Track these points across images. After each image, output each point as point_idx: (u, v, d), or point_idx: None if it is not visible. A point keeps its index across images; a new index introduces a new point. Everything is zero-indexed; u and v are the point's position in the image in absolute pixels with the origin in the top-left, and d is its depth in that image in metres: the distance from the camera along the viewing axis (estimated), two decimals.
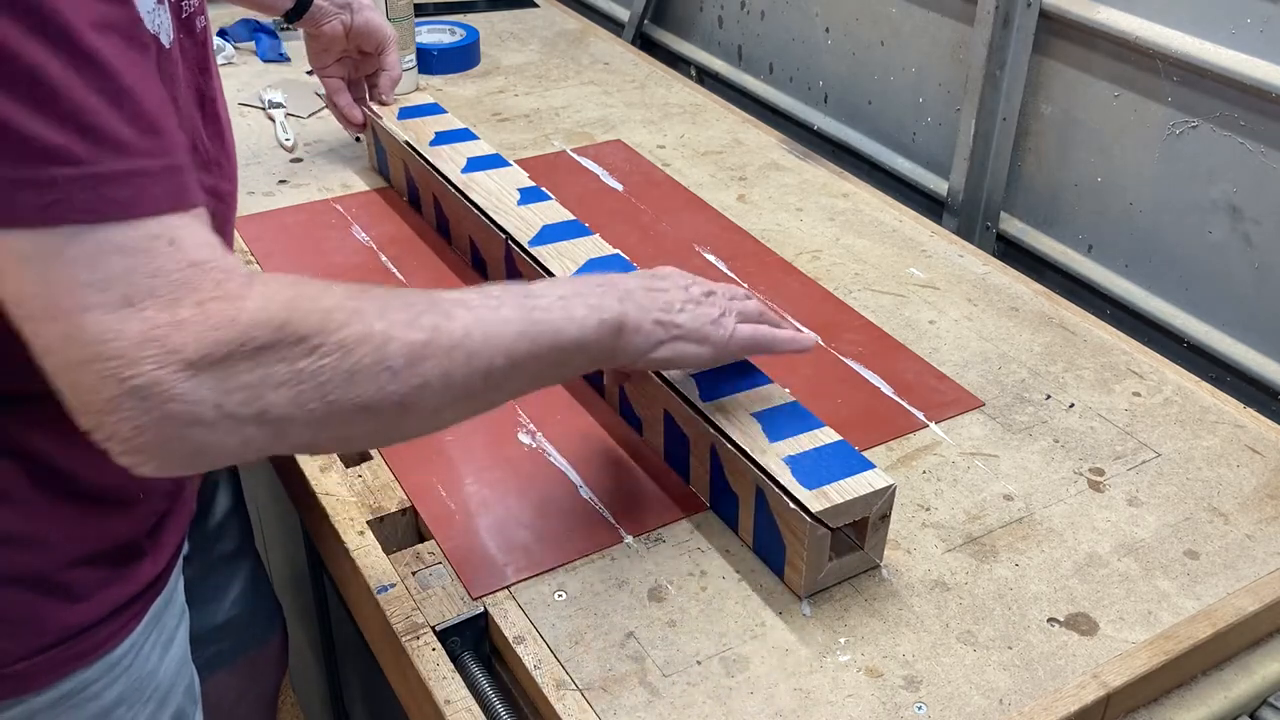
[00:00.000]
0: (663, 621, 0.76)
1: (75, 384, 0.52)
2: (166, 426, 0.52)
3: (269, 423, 0.55)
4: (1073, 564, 0.82)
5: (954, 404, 0.97)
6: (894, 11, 1.52)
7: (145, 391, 0.51)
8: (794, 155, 1.41)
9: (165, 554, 0.73)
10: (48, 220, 0.50)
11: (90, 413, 0.52)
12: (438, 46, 1.61)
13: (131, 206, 0.52)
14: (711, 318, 0.79)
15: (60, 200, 0.50)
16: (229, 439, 0.54)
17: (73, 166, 0.50)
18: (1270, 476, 0.91)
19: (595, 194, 1.29)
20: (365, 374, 0.58)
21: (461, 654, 0.76)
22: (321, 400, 0.56)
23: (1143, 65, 1.22)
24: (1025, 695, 0.72)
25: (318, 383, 0.56)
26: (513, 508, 0.84)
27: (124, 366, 0.51)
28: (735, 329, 0.81)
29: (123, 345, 0.51)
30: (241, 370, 0.53)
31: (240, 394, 0.53)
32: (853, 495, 0.75)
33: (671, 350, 0.77)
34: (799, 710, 0.70)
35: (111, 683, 0.70)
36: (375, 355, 0.58)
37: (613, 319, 0.73)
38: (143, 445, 0.52)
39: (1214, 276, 1.22)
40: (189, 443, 0.53)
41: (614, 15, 2.12)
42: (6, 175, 0.49)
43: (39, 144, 0.50)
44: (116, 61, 0.52)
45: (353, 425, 0.58)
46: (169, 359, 0.51)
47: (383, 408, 0.59)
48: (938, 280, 1.16)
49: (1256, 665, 0.79)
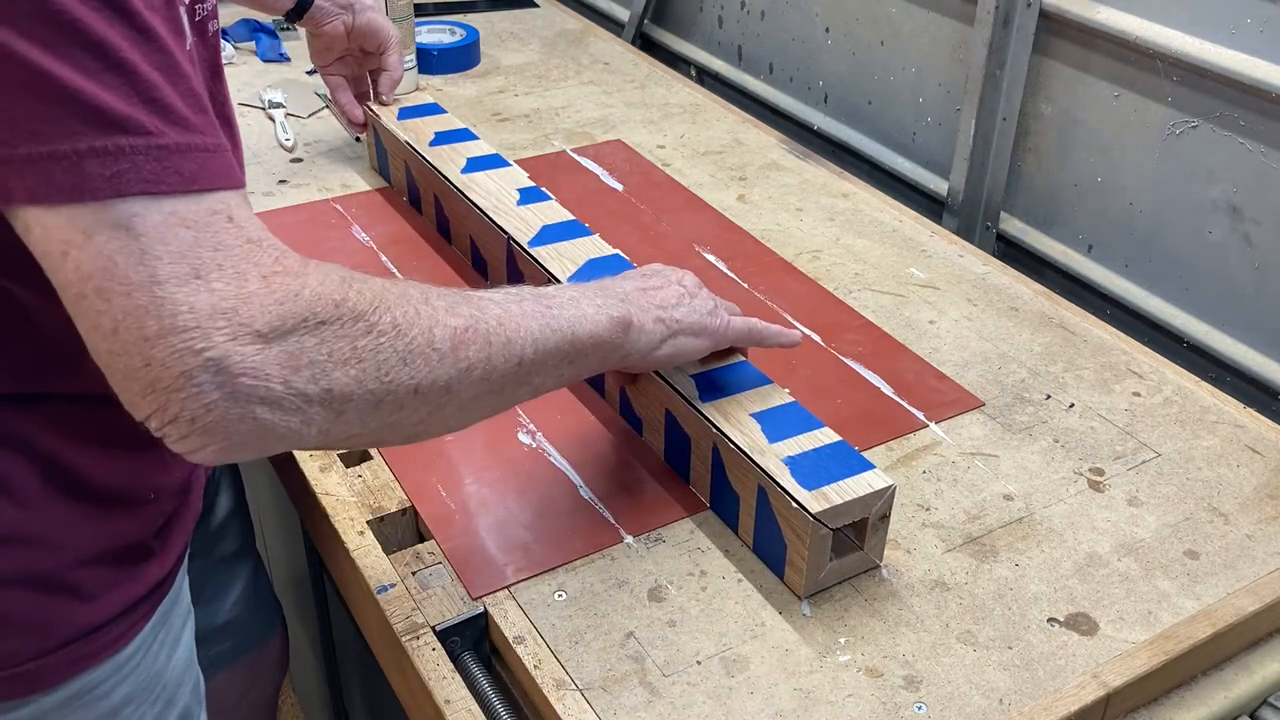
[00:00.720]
0: (663, 621, 0.76)
1: (144, 362, 0.50)
2: (236, 404, 0.51)
3: (331, 402, 0.55)
4: (1073, 564, 0.82)
5: (954, 404, 0.97)
6: (894, 11, 1.52)
7: (219, 364, 0.50)
8: (794, 155, 1.41)
9: (173, 554, 0.73)
10: (117, 190, 0.50)
11: (156, 392, 0.51)
12: (438, 46, 1.61)
13: (195, 180, 0.52)
14: (707, 309, 0.82)
15: (128, 170, 0.50)
16: (292, 419, 0.54)
17: (140, 137, 0.50)
18: (1270, 476, 0.91)
19: (595, 194, 1.29)
20: (418, 355, 0.58)
21: (461, 654, 0.76)
22: (379, 380, 0.57)
23: (1143, 65, 1.22)
24: (1025, 695, 0.72)
25: (376, 361, 0.56)
26: (513, 508, 0.84)
27: (198, 339, 0.50)
28: (730, 320, 0.83)
29: (195, 318, 0.50)
30: (308, 345, 0.53)
31: (307, 370, 0.53)
32: (852, 496, 0.75)
33: (674, 346, 0.79)
34: (799, 710, 0.70)
35: (120, 682, 0.70)
36: (425, 337, 0.59)
37: (620, 316, 0.74)
38: (209, 425, 0.51)
39: (1214, 276, 1.22)
40: (255, 422, 0.52)
41: (614, 15, 2.12)
42: (74, 147, 0.49)
43: (107, 113, 0.49)
44: (169, 41, 0.52)
45: (402, 410, 0.59)
46: (240, 331, 0.51)
47: (431, 391, 0.60)
48: (938, 280, 1.16)
49: (1256, 665, 0.79)
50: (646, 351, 0.77)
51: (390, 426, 0.60)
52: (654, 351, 0.78)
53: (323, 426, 0.55)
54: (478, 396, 0.64)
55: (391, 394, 0.58)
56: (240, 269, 0.52)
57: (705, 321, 0.81)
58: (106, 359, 0.51)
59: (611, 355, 0.75)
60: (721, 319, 0.83)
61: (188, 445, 0.53)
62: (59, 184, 0.49)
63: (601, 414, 0.95)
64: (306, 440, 0.56)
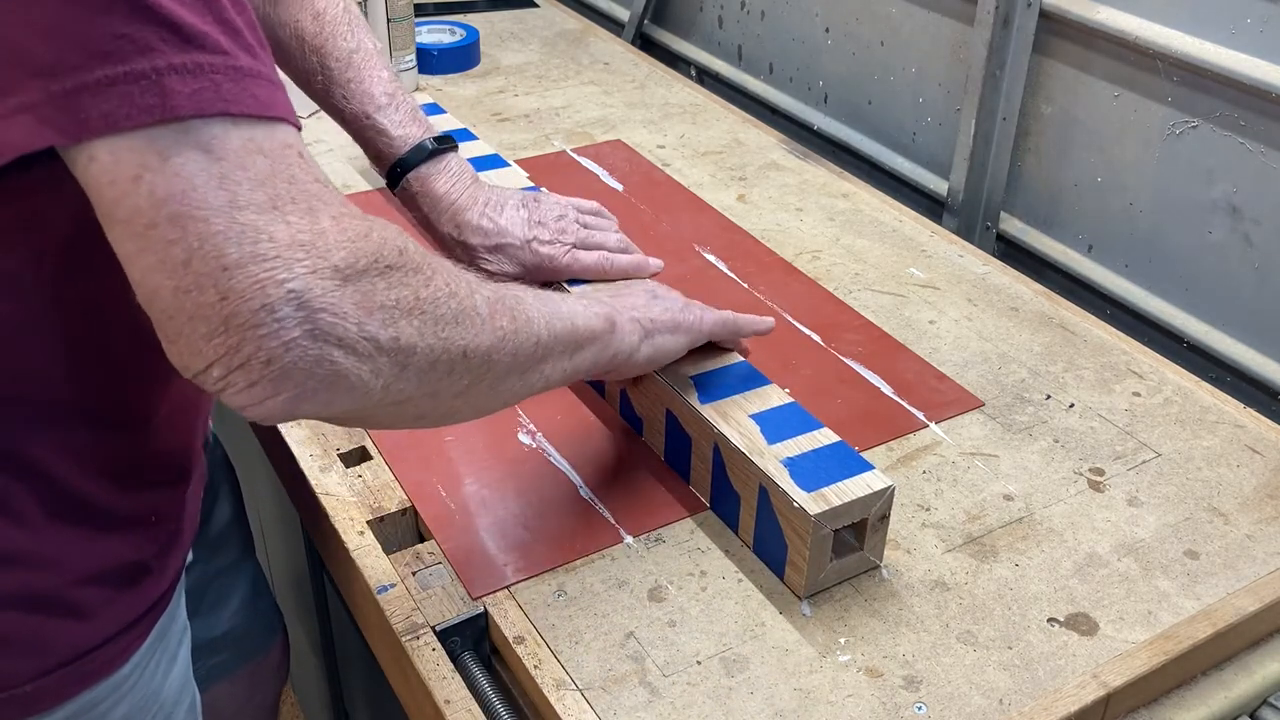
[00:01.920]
0: (663, 621, 0.76)
1: (220, 295, 0.47)
2: (315, 343, 0.49)
3: (398, 352, 0.54)
4: (1073, 564, 0.82)
5: (954, 404, 0.97)
6: (894, 11, 1.52)
7: (301, 297, 0.48)
8: (794, 155, 1.41)
9: (171, 570, 0.73)
10: (198, 108, 0.47)
11: (230, 330, 0.47)
12: (438, 46, 1.61)
13: (269, 107, 0.50)
14: (680, 305, 0.84)
15: (208, 89, 0.48)
16: (364, 367, 0.52)
17: (217, 55, 0.48)
18: (1270, 476, 0.91)
19: (595, 194, 1.29)
20: (467, 315, 0.59)
21: (461, 654, 0.76)
22: (437, 336, 0.56)
23: (1143, 65, 1.22)
24: (1025, 695, 0.72)
25: (435, 315, 0.56)
26: (513, 508, 0.84)
27: (279, 269, 0.48)
28: (703, 314, 0.85)
29: (276, 247, 0.48)
30: (379, 288, 0.52)
31: (380, 314, 0.52)
32: (851, 497, 0.75)
33: (652, 346, 0.80)
34: (799, 710, 0.70)
35: (118, 702, 0.69)
36: (470, 300, 0.59)
37: (605, 313, 0.75)
38: (285, 368, 0.49)
39: (1214, 276, 1.22)
40: (331, 367, 0.50)
41: (614, 15, 2.12)
42: (153, 64, 0.46)
43: (185, 28, 0.47)
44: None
45: (451, 375, 0.59)
46: (320, 264, 0.49)
47: (475, 357, 0.60)
48: (938, 280, 1.16)
49: (1256, 665, 0.79)
50: (629, 353, 0.78)
51: (434, 396, 0.59)
52: (635, 354, 0.79)
53: (387, 381, 0.54)
54: (507, 373, 0.64)
55: (446, 352, 0.57)
56: (313, 205, 0.50)
57: (679, 317, 0.83)
58: (170, 300, 0.48)
59: (603, 354, 0.75)
60: (695, 313, 0.84)
61: (254, 395, 0.50)
62: (140, 104, 0.46)
63: (601, 414, 0.95)
64: (371, 396, 0.54)
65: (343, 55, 0.93)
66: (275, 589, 1.13)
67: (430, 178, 0.93)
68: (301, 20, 0.93)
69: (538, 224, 0.95)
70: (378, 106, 0.92)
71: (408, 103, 0.94)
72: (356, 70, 0.93)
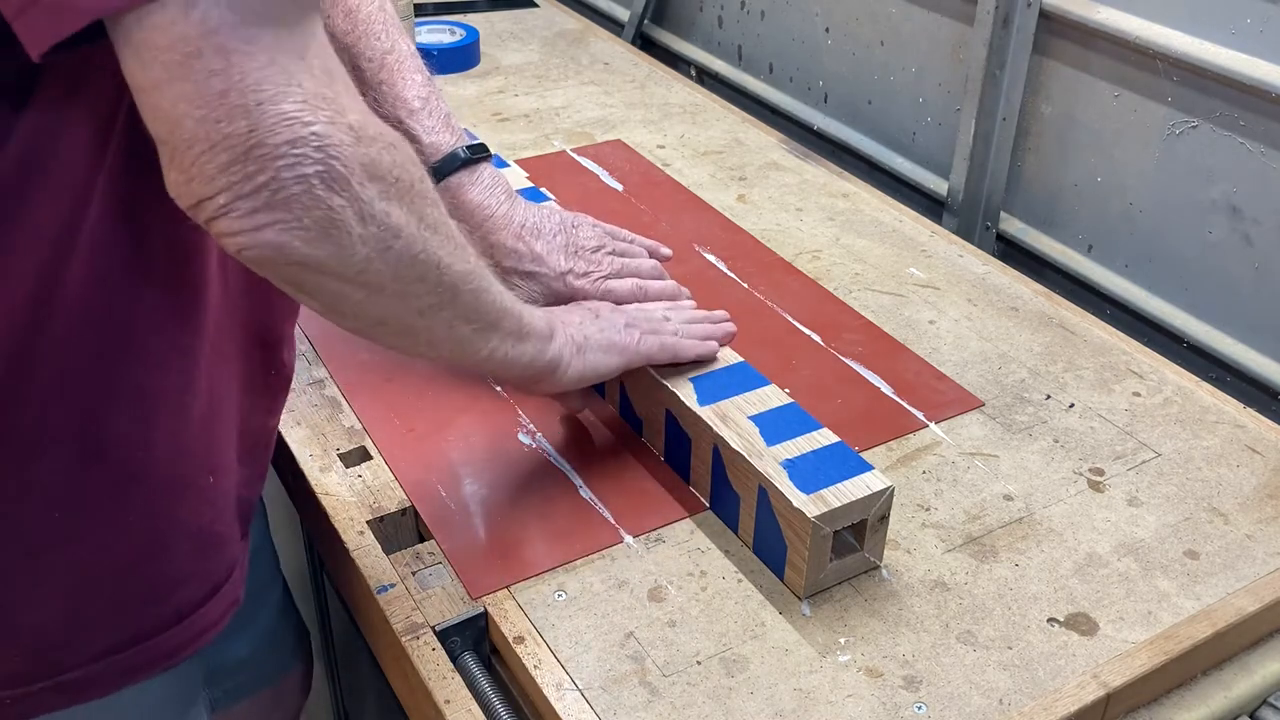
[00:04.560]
0: (663, 621, 0.76)
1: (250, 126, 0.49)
2: (320, 184, 0.52)
3: (387, 229, 0.56)
4: (1073, 564, 0.82)
5: (954, 404, 0.97)
6: (894, 11, 1.52)
7: (321, 140, 0.51)
8: (794, 155, 1.41)
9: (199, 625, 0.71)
10: None
11: (249, 160, 0.49)
12: (438, 46, 1.61)
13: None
14: (619, 327, 0.84)
15: None
16: (354, 226, 0.54)
17: None
18: (1270, 476, 0.91)
19: (595, 194, 1.29)
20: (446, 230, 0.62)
21: (461, 654, 0.76)
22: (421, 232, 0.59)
23: (1143, 65, 1.22)
24: (1025, 695, 0.72)
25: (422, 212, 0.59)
26: (513, 508, 0.84)
27: (307, 112, 0.50)
28: (642, 337, 0.85)
29: (304, 93, 0.50)
30: (384, 160, 0.55)
31: (378, 184, 0.55)
32: (850, 499, 0.75)
33: (584, 363, 0.81)
34: (799, 710, 0.70)
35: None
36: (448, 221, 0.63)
37: (547, 318, 0.78)
38: (287, 198, 0.51)
39: (1214, 276, 1.22)
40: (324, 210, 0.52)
41: (614, 15, 2.12)
42: None
43: None
44: None
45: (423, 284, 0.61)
46: (338, 119, 0.52)
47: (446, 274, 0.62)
48: (938, 280, 1.16)
49: (1256, 665, 0.79)
50: (562, 367, 0.79)
51: (402, 298, 0.61)
52: (567, 369, 0.79)
53: (369, 253, 0.56)
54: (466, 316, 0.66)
55: (425, 253, 0.60)
56: (329, 69, 0.53)
57: (615, 338, 0.83)
58: (193, 129, 0.49)
59: (539, 358, 0.77)
60: (634, 336, 0.84)
61: (250, 221, 0.51)
62: None
63: (601, 414, 0.95)
64: (351, 262, 0.55)
65: (375, 56, 0.91)
66: None
67: (463, 188, 0.91)
68: (333, 17, 0.90)
69: (574, 255, 0.93)
70: (410, 111, 0.90)
71: (441, 108, 0.92)
72: (390, 72, 0.91)
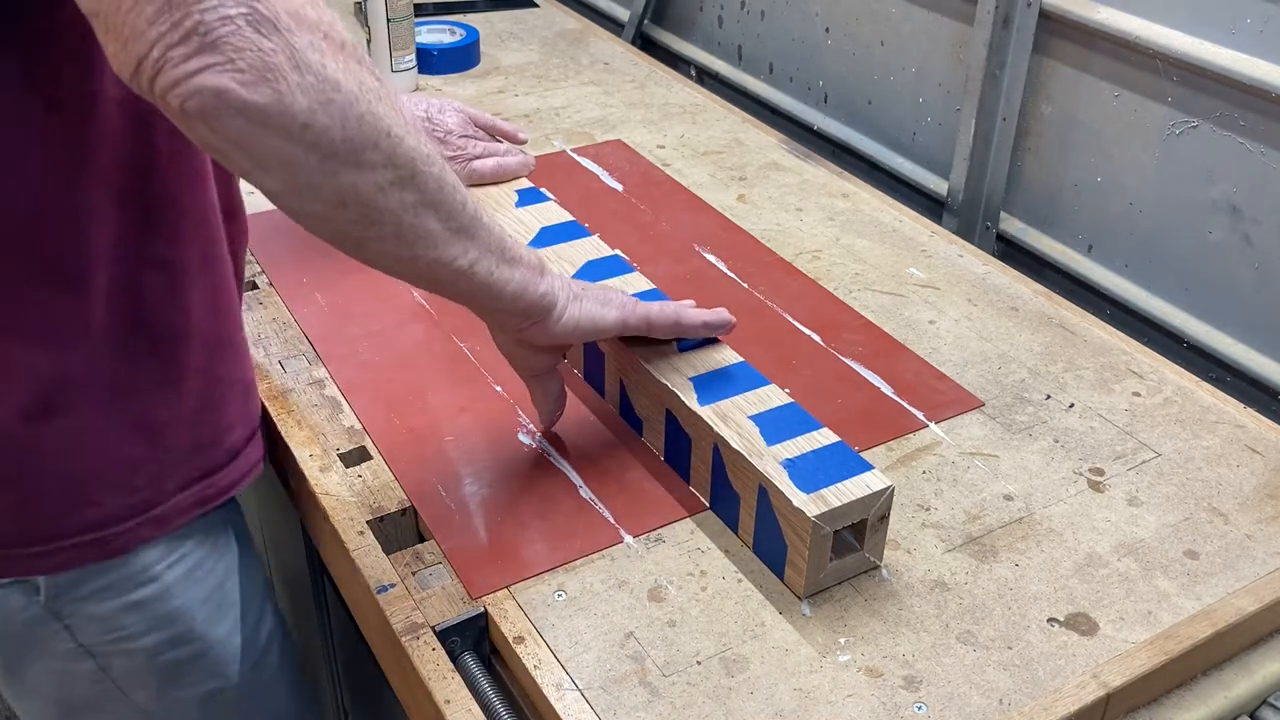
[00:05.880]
0: (663, 621, 0.76)
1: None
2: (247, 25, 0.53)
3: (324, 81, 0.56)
4: (1073, 564, 0.82)
5: (954, 404, 0.97)
6: (894, 11, 1.52)
7: None
8: (794, 155, 1.41)
9: None
10: None
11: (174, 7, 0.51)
12: (438, 46, 1.61)
13: None
14: (612, 289, 0.84)
15: None
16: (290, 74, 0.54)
17: None
18: (1270, 476, 0.91)
19: (595, 194, 1.29)
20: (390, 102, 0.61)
21: (461, 654, 0.76)
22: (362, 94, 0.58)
23: (1143, 65, 1.22)
24: (1025, 695, 0.72)
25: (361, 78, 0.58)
26: (513, 508, 0.84)
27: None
28: (643, 302, 0.85)
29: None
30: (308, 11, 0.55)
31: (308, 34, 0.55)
32: (850, 498, 0.75)
33: (580, 309, 0.80)
34: (799, 710, 0.70)
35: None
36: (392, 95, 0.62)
37: (538, 253, 0.76)
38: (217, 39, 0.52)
39: (1214, 276, 1.22)
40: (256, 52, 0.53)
41: (614, 15, 2.12)
42: None
43: None
44: None
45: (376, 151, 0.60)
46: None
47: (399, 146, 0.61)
48: (938, 280, 1.16)
49: (1256, 665, 0.79)
50: (558, 309, 0.78)
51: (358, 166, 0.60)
52: (563, 313, 0.78)
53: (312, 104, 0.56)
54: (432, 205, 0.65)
55: (371, 115, 0.58)
56: None
57: (609, 295, 0.83)
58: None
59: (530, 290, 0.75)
60: (632, 300, 0.84)
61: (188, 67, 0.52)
62: None
63: (601, 414, 0.95)
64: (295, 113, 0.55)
65: None
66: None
67: None
68: None
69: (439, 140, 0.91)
70: None
71: None
72: None
